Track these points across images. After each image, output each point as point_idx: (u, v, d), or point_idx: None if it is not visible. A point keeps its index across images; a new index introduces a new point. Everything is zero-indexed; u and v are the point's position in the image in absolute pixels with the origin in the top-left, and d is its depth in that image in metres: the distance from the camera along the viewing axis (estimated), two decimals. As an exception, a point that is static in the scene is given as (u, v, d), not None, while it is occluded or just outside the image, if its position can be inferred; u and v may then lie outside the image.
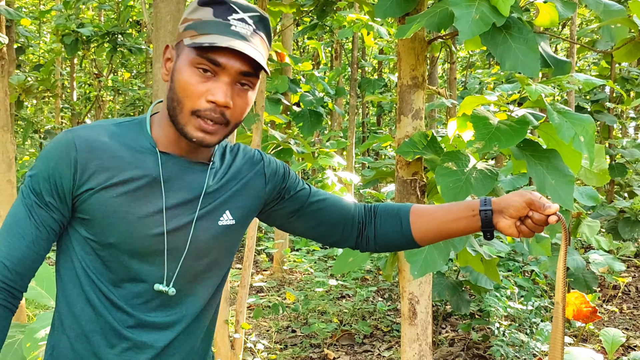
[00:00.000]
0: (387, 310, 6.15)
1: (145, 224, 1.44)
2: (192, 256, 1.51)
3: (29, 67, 10.92)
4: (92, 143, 1.42)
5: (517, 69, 2.65)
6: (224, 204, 1.55)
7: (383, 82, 9.70)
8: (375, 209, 1.76)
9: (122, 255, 1.44)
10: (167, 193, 1.46)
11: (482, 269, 3.48)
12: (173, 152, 1.49)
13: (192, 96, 1.38)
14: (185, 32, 1.41)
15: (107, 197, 1.41)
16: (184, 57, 1.39)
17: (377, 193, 5.71)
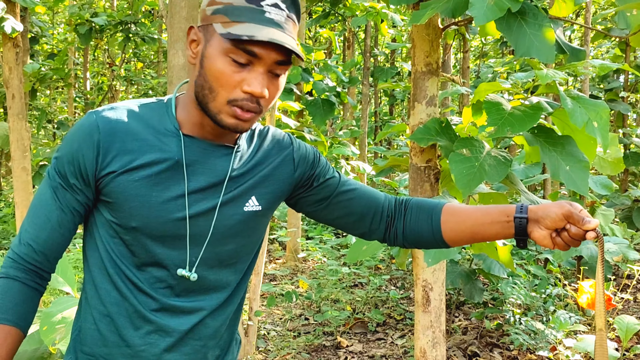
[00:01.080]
0: (400, 298, 6.15)
1: (167, 208, 1.43)
2: (215, 242, 1.49)
3: (43, 57, 10.96)
4: (115, 125, 1.41)
5: (532, 54, 2.63)
6: (250, 189, 1.53)
7: (396, 70, 9.68)
8: (407, 203, 1.70)
9: (144, 239, 1.43)
10: (189, 177, 1.45)
11: (497, 256, 3.47)
12: (197, 134, 1.46)
13: (227, 86, 1.36)
14: (214, 16, 1.36)
15: (129, 180, 1.40)
16: (216, 44, 1.35)
17: (390, 181, 5.71)
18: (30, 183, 5.15)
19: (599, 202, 5.68)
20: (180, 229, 1.45)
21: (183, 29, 3.19)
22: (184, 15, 3.13)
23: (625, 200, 7.37)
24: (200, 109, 1.42)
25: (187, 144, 1.45)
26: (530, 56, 2.65)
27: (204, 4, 1.40)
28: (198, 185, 1.45)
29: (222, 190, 1.48)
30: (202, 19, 1.40)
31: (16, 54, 4.91)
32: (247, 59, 1.34)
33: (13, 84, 4.89)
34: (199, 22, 1.41)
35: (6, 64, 4.94)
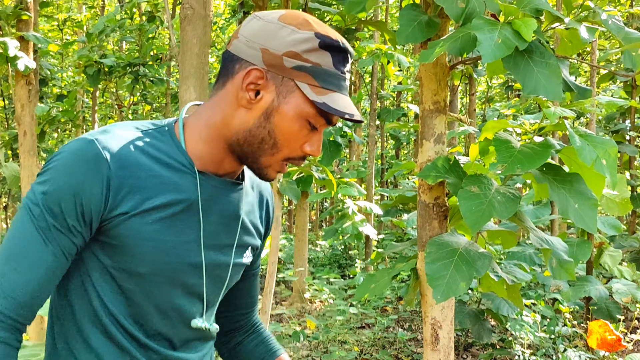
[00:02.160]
0: (408, 339, 6.11)
1: (182, 253, 1.32)
2: (225, 290, 1.45)
3: (52, 99, 11.06)
4: (125, 158, 1.26)
5: (539, 92, 2.65)
6: (250, 238, 1.48)
7: (402, 112, 9.75)
8: (257, 326, 1.73)
9: (152, 287, 1.31)
10: (204, 219, 1.34)
11: (505, 295, 3.45)
12: (210, 170, 1.36)
13: (293, 146, 1.30)
14: (297, 72, 1.25)
15: (143, 222, 1.26)
16: (297, 104, 1.26)
17: (398, 221, 5.71)
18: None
19: (607, 243, 5.65)
20: (194, 276, 1.35)
21: (194, 65, 3.24)
22: (196, 51, 3.17)
23: (633, 242, 7.33)
24: (235, 151, 1.33)
25: (202, 182, 1.34)
26: (537, 94, 2.67)
27: (276, 46, 1.27)
28: (213, 229, 1.37)
29: (237, 234, 1.42)
30: (274, 65, 1.27)
31: (28, 91, 4.98)
32: (321, 124, 1.30)
33: (25, 121, 4.95)
34: (263, 64, 1.27)
35: (18, 101, 5.00)
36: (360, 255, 9.98)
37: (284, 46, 1.25)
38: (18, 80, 5.05)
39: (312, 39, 1.25)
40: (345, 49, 1.29)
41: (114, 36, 9.81)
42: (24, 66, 4.92)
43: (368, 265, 8.08)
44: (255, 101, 1.28)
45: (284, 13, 1.30)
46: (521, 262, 5.23)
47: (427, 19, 3.07)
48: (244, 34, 1.29)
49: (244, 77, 1.27)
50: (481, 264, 2.91)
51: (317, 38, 1.26)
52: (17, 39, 5.20)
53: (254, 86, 1.27)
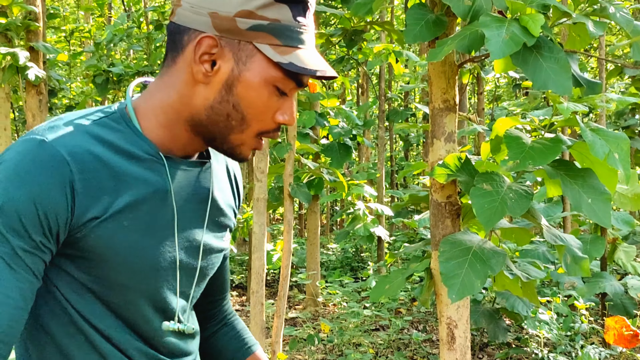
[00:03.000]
0: (423, 340, 6.09)
1: (161, 253, 1.19)
2: (199, 284, 1.32)
3: (61, 110, 11.12)
4: (85, 154, 1.09)
5: (549, 87, 2.65)
6: (226, 219, 1.36)
7: (411, 112, 9.75)
8: (231, 316, 1.60)
9: (135, 297, 1.18)
10: (178, 209, 1.21)
11: (520, 293, 3.44)
12: (175, 154, 1.22)
13: (263, 117, 1.16)
14: (254, 32, 1.11)
15: (116, 226, 1.12)
16: (260, 70, 1.12)
17: (410, 222, 5.70)
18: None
19: (620, 238, 5.63)
20: (172, 274, 1.23)
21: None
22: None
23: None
24: (200, 133, 1.20)
25: (171, 169, 1.20)
26: (547, 89, 2.67)
27: (225, 7, 1.11)
28: (185, 218, 1.24)
29: (206, 220, 1.29)
30: (227, 29, 1.11)
31: (39, 101, 5.01)
32: (291, 88, 1.16)
33: (36, 130, 4.97)
34: (214, 30, 1.12)
35: (29, 111, 5.03)
36: (373, 257, 9.97)
37: (235, 5, 1.10)
38: (29, 90, 5.09)
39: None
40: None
41: (122, 45, 9.86)
42: (34, 76, 4.96)
43: (381, 267, 8.08)
44: (212, 73, 1.13)
45: None
46: (534, 259, 5.21)
47: (434, 17, 3.07)
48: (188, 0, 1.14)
49: (195, 48, 1.12)
50: (495, 262, 2.91)
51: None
52: (27, 50, 5.23)
53: (208, 56, 1.12)
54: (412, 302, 7.31)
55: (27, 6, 5.16)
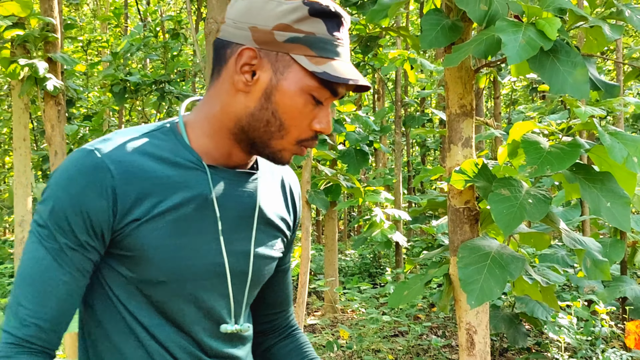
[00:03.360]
0: (442, 346, 6.07)
1: (202, 254, 1.26)
2: (252, 287, 1.37)
3: (79, 120, 11.20)
4: (129, 163, 1.19)
5: (566, 91, 2.64)
6: (276, 227, 1.41)
7: (427, 117, 9.74)
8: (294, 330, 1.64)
9: (178, 294, 1.25)
10: (221, 214, 1.28)
11: (540, 297, 3.43)
12: (220, 163, 1.30)
13: (300, 125, 1.23)
14: (291, 44, 1.19)
15: (156, 227, 1.20)
16: (297, 79, 1.20)
17: (427, 228, 5.68)
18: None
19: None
20: (218, 276, 1.29)
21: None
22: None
23: (667, 241, 7.24)
24: (242, 140, 1.27)
25: (213, 176, 1.28)
26: (564, 93, 2.66)
27: (264, 21, 1.20)
28: (231, 224, 1.30)
29: (254, 227, 1.35)
30: (266, 42, 1.20)
31: (58, 111, 5.05)
32: (326, 97, 1.23)
33: (55, 141, 5.02)
34: (254, 43, 1.21)
35: (48, 122, 5.08)
36: (391, 263, 9.96)
37: (273, 19, 1.19)
38: (47, 101, 5.13)
39: (301, 7, 1.19)
40: (337, 13, 1.21)
41: (138, 55, 9.92)
42: (53, 87, 5.00)
43: (399, 273, 8.06)
44: (252, 83, 1.21)
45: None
46: (553, 263, 5.18)
47: (450, 23, 3.07)
48: (231, 17, 1.24)
49: (237, 59, 1.21)
50: (514, 267, 2.90)
51: (305, 5, 1.19)
52: (45, 61, 5.28)
53: (248, 67, 1.21)
54: (431, 308, 7.29)
55: (45, 18, 5.21)
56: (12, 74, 5.31)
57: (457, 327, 5.70)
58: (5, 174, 14.66)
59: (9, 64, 5.32)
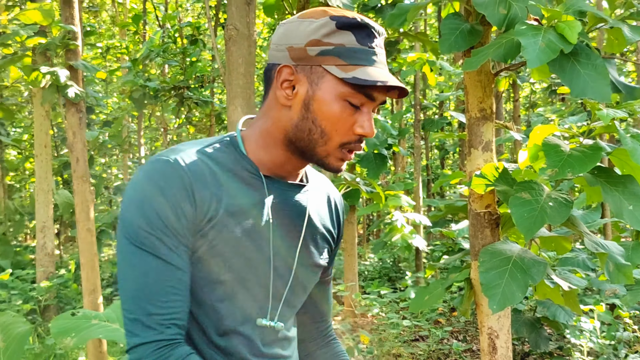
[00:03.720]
0: (463, 350, 6.04)
1: (258, 256, 1.37)
2: (294, 290, 1.46)
3: (98, 126, 11.28)
4: (199, 171, 1.31)
5: (588, 94, 2.62)
6: (323, 239, 1.52)
7: (446, 121, 9.71)
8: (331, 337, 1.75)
9: (231, 292, 1.35)
10: (274, 221, 1.39)
11: (562, 301, 3.40)
12: (274, 174, 1.41)
13: (341, 129, 1.32)
14: (323, 57, 1.30)
15: (222, 230, 1.31)
16: (330, 87, 1.30)
17: (448, 232, 5.66)
18: (94, 244, 5.26)
19: (663, 245, 5.52)
20: (267, 277, 1.39)
21: (241, 85, 3.28)
22: (242, 71, 3.21)
23: (690, 243, 7.16)
24: (293, 150, 1.38)
25: (269, 186, 1.39)
26: (585, 96, 2.64)
27: (298, 40, 1.33)
28: (281, 230, 1.41)
29: (302, 235, 1.45)
30: (301, 58, 1.32)
31: (79, 119, 5.09)
32: (362, 102, 1.32)
33: (77, 147, 5.05)
34: (291, 60, 1.33)
35: (70, 129, 5.11)
36: (411, 267, 9.93)
37: (305, 37, 1.31)
38: (69, 108, 5.17)
39: (328, 22, 1.30)
40: (365, 24, 1.31)
41: (157, 61, 9.98)
42: (74, 94, 5.04)
43: (419, 277, 8.03)
44: (292, 96, 1.33)
45: (303, 12, 1.36)
46: (575, 267, 5.15)
47: (469, 27, 3.06)
48: (274, 41, 1.38)
49: (277, 77, 1.34)
50: (536, 271, 2.88)
51: (332, 20, 1.30)
52: (67, 68, 5.32)
53: (288, 83, 1.33)
54: (452, 312, 7.26)
55: (66, 26, 5.25)
56: (34, 82, 5.36)
57: (478, 331, 5.67)
58: (26, 180, 14.79)
59: (30, 72, 5.37)
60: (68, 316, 3.16)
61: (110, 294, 8.50)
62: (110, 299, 8.24)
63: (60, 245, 11.72)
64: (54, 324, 3.09)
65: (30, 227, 13.59)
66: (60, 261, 10.75)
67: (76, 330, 3.03)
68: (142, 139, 12.87)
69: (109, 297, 8.32)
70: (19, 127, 13.84)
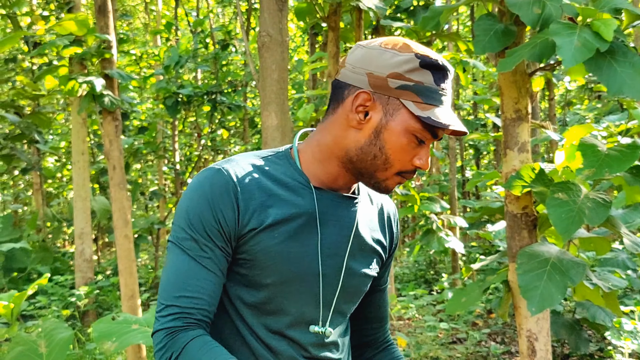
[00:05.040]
0: (501, 353, 5.99)
1: (304, 263, 1.42)
2: (341, 299, 1.51)
3: (133, 132, 11.40)
4: (249, 181, 1.40)
5: (625, 93, 2.59)
6: (372, 250, 1.55)
7: (481, 122, 9.64)
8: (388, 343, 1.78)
9: (278, 297, 1.42)
10: (322, 230, 1.45)
11: (602, 303, 3.36)
12: (325, 186, 1.47)
13: (404, 160, 1.39)
14: (401, 91, 1.35)
15: (269, 236, 1.39)
16: (403, 121, 1.36)
17: (484, 233, 5.61)
18: (132, 251, 5.32)
19: None
20: (314, 284, 1.45)
21: (275, 91, 3.29)
22: (275, 78, 3.22)
23: None
24: (349, 169, 1.43)
25: (319, 196, 1.45)
26: (622, 95, 2.61)
27: (380, 69, 1.37)
28: (329, 239, 1.46)
29: (349, 244, 1.49)
30: (380, 87, 1.37)
31: (115, 127, 5.15)
32: (427, 138, 1.38)
33: (114, 155, 5.12)
34: (369, 87, 1.38)
35: (107, 137, 5.18)
36: (447, 269, 9.87)
37: (388, 68, 1.36)
38: (105, 116, 5.24)
39: (413, 59, 1.35)
40: (444, 67, 1.37)
41: (189, 66, 10.06)
42: (110, 102, 5.11)
43: (455, 279, 7.98)
44: (365, 122, 1.39)
45: (385, 39, 1.40)
46: (614, 267, 5.08)
47: (503, 27, 3.04)
48: (350, 62, 1.41)
49: (353, 100, 1.39)
50: (575, 273, 2.85)
51: (417, 58, 1.35)
52: (102, 77, 5.39)
53: (362, 108, 1.38)
54: (489, 314, 7.20)
55: (101, 35, 5.32)
56: (71, 91, 5.44)
57: (516, 333, 5.62)
58: (64, 187, 14.99)
59: (67, 82, 5.45)
60: (109, 320, 3.19)
61: (147, 299, 8.58)
62: (147, 304, 8.31)
63: (98, 251, 11.87)
64: (95, 327, 3.13)
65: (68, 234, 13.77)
66: (99, 266, 10.88)
67: (117, 334, 3.06)
68: (177, 144, 12.97)
69: (146, 303, 8.40)
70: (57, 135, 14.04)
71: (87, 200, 8.07)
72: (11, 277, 8.64)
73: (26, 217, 13.10)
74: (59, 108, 11.96)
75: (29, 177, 13.91)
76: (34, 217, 10.36)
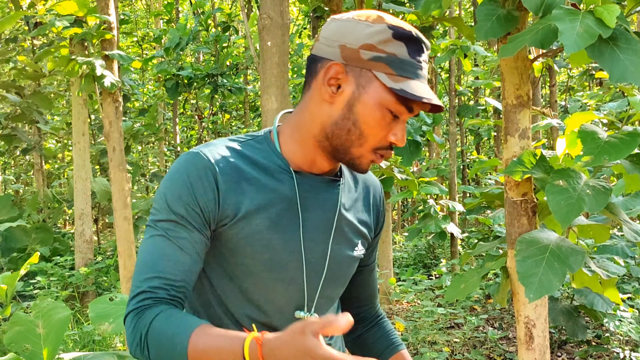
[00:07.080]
0: (499, 338, 6.01)
1: (287, 249, 1.40)
2: (327, 284, 1.49)
3: (134, 114, 11.38)
4: (228, 166, 1.37)
5: (627, 80, 2.58)
6: (356, 231, 1.54)
7: (482, 107, 9.62)
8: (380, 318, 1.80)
9: (264, 284, 1.41)
10: (303, 215, 1.42)
11: (600, 290, 3.36)
12: (305, 169, 1.45)
13: (378, 135, 1.36)
14: (374, 62, 1.32)
15: (250, 223, 1.37)
16: (376, 94, 1.33)
17: (484, 219, 5.61)
18: (132, 232, 5.33)
19: None
20: (298, 270, 1.43)
21: (275, 74, 3.28)
22: (276, 60, 3.21)
23: None
24: (325, 147, 1.40)
25: (299, 180, 1.43)
26: (625, 82, 2.60)
27: (352, 41, 1.34)
28: (312, 224, 1.44)
29: (333, 228, 1.47)
30: (352, 59, 1.34)
31: (115, 108, 5.14)
32: (401, 112, 1.35)
33: (113, 137, 5.11)
34: (342, 59, 1.35)
35: (107, 119, 5.17)
36: (446, 254, 9.89)
37: (360, 40, 1.33)
38: (105, 97, 5.23)
39: (386, 30, 1.32)
40: (418, 39, 1.34)
41: (190, 48, 10.02)
42: (110, 84, 5.09)
43: (454, 264, 7.99)
44: (337, 94, 1.35)
45: (359, 12, 1.37)
46: (613, 255, 5.08)
47: (506, 12, 3.02)
48: (324, 35, 1.38)
49: (325, 73, 1.35)
50: (574, 260, 2.85)
51: (390, 29, 1.32)
52: (102, 58, 5.38)
53: (334, 81, 1.35)
54: (487, 299, 7.23)
55: (102, 16, 5.30)
56: (71, 72, 5.43)
57: (514, 319, 5.63)
58: (65, 167, 14.99)
59: (67, 62, 5.43)
60: (106, 300, 3.18)
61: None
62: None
63: (98, 232, 11.88)
64: (92, 307, 3.12)
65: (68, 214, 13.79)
66: (99, 248, 10.89)
67: (114, 316, 3.06)
68: (178, 126, 12.96)
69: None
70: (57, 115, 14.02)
71: (87, 181, 8.08)
72: (11, 257, 8.65)
73: (27, 197, 13.11)
74: (60, 89, 11.94)
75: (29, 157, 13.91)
76: (35, 197, 10.37)
